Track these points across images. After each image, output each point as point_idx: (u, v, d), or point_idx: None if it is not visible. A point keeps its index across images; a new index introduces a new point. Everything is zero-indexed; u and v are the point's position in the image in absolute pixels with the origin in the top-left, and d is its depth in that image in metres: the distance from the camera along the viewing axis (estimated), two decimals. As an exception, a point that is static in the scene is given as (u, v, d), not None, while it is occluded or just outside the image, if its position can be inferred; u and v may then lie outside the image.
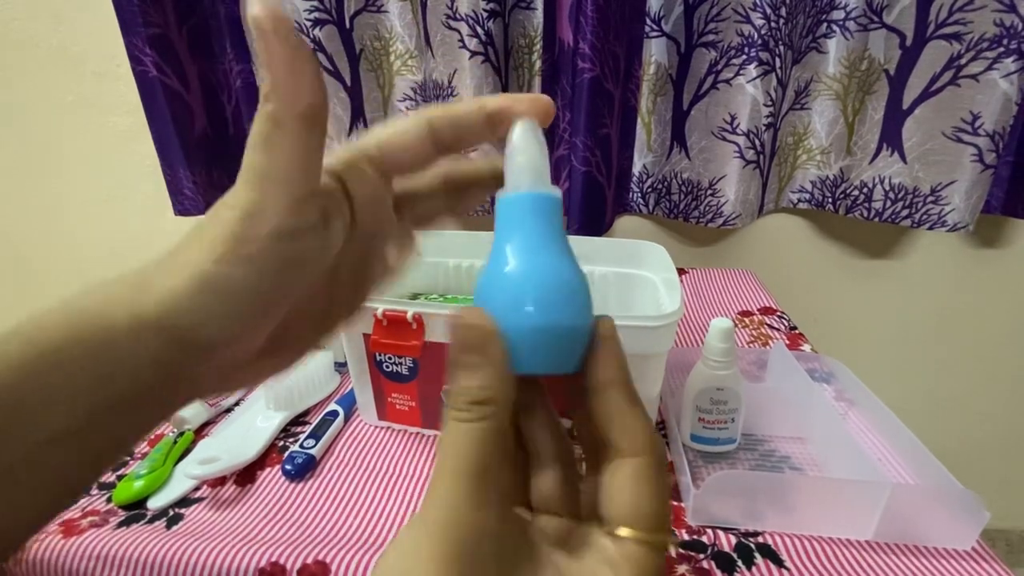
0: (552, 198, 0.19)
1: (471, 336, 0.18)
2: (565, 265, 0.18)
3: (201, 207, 0.86)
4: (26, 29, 0.88)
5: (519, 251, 0.18)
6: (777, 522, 0.42)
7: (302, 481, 0.47)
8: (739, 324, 0.72)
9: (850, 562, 0.39)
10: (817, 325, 0.94)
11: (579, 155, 0.80)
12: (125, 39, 0.75)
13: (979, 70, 0.72)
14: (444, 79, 0.79)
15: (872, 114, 0.80)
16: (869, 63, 0.77)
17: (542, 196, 0.19)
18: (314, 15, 0.76)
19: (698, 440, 0.49)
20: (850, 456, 0.43)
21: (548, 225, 0.19)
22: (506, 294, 0.18)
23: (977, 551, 0.39)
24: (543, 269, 0.18)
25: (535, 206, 0.19)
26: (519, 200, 0.19)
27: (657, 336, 0.42)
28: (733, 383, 0.47)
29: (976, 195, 0.77)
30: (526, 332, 0.18)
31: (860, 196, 0.83)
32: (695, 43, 0.78)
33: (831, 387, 0.57)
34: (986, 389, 1.01)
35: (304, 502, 0.45)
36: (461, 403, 0.17)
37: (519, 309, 0.18)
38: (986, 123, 0.73)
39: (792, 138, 0.84)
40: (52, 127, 0.95)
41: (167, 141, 0.82)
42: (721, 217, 0.84)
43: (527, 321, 0.18)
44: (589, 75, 0.75)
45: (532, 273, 0.18)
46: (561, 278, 0.18)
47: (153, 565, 0.39)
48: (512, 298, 0.18)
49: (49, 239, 1.05)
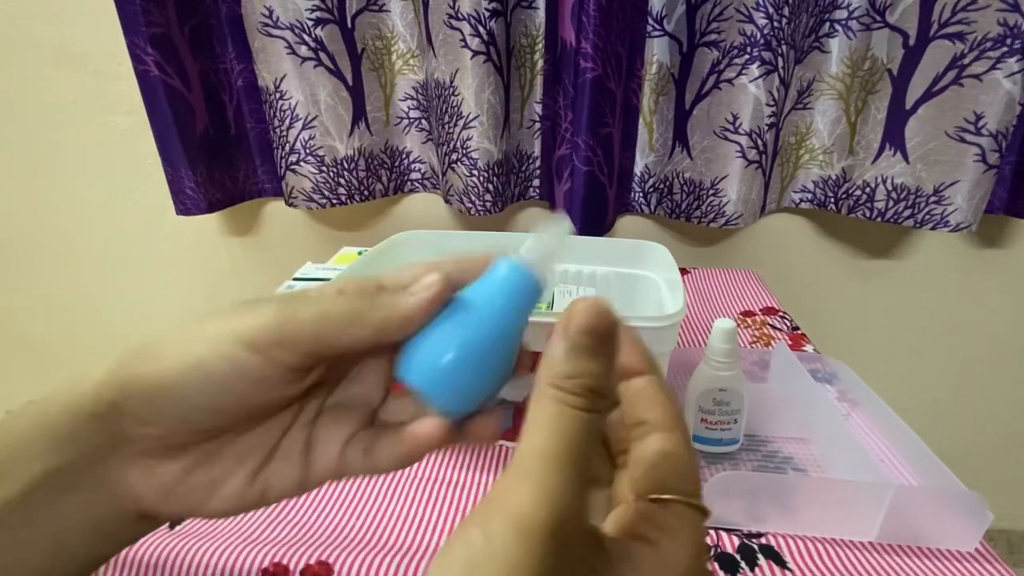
0: (536, 289, 0.21)
1: (604, 324, 0.17)
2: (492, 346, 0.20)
3: (202, 206, 0.86)
4: (27, 28, 0.88)
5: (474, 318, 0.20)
6: (780, 523, 0.42)
7: (304, 481, 0.47)
8: (741, 324, 0.72)
9: (853, 563, 0.39)
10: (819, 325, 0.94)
11: (581, 155, 0.80)
12: (127, 38, 0.75)
13: (982, 70, 0.72)
14: (446, 79, 0.79)
15: (875, 114, 0.79)
16: (872, 63, 0.77)
17: (531, 280, 0.21)
18: (316, 14, 0.76)
19: (701, 441, 0.49)
20: (853, 457, 0.43)
21: (516, 306, 0.21)
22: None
23: (981, 552, 0.39)
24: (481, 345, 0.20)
25: (520, 286, 0.21)
26: (515, 276, 0.21)
27: (660, 336, 0.42)
28: (736, 384, 0.46)
29: (979, 195, 0.77)
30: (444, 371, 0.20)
31: (862, 196, 0.83)
32: (697, 42, 0.78)
33: (834, 388, 0.57)
34: (988, 389, 1.01)
35: (307, 503, 0.45)
36: (579, 388, 0.16)
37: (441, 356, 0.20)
38: (989, 123, 0.73)
39: (794, 138, 0.84)
40: (53, 126, 0.95)
41: (168, 140, 0.82)
42: (723, 217, 0.84)
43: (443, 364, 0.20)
44: (591, 74, 0.75)
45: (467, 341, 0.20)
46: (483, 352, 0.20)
47: (157, 565, 0.39)
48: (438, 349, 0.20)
49: (50, 238, 1.05)
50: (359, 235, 0.99)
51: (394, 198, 0.96)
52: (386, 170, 0.91)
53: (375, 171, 0.89)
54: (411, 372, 0.20)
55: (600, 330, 0.17)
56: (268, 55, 0.79)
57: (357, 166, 0.86)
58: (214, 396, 0.19)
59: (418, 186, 0.94)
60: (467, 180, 0.83)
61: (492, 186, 0.83)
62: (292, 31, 0.77)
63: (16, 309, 1.14)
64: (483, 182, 0.83)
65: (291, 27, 0.76)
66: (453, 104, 0.80)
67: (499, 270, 0.21)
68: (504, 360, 0.21)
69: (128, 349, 0.20)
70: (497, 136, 0.81)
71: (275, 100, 0.82)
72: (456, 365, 0.20)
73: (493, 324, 0.20)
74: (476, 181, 0.83)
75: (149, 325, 1.12)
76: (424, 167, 0.92)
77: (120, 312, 1.11)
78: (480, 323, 0.20)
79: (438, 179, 0.91)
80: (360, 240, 0.99)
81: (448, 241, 0.62)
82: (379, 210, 0.98)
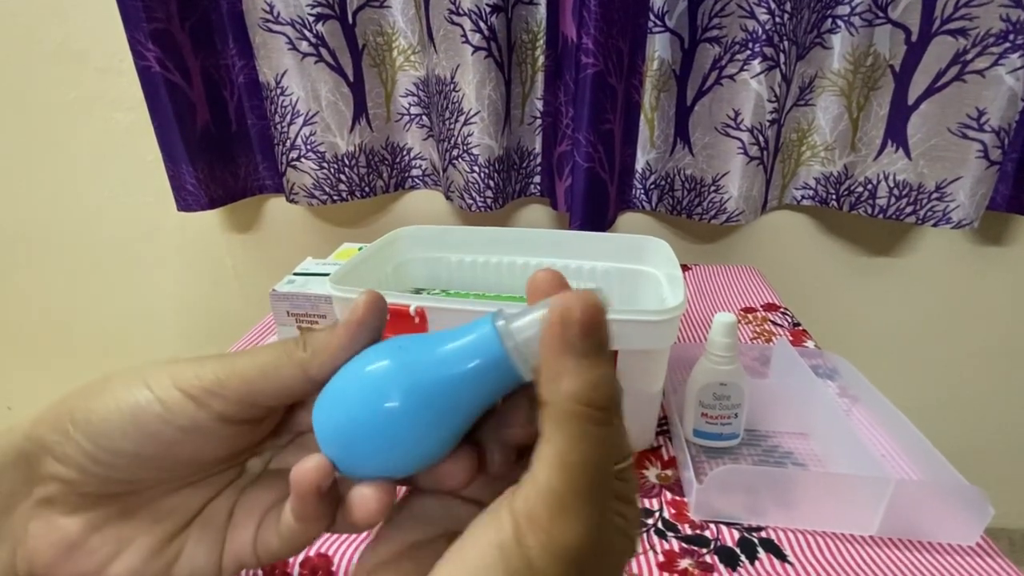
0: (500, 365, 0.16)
1: (601, 316, 0.15)
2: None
3: (203, 202, 0.86)
4: (28, 25, 0.88)
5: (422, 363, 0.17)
6: (780, 517, 0.42)
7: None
8: (742, 321, 0.72)
9: (854, 557, 0.39)
10: (821, 322, 0.94)
11: (582, 151, 0.79)
12: (128, 34, 0.75)
13: (985, 66, 0.71)
14: (447, 74, 0.79)
15: (877, 110, 0.79)
16: (874, 59, 0.77)
17: (499, 356, 0.16)
18: (317, 10, 0.76)
19: (701, 436, 0.49)
20: (853, 452, 0.43)
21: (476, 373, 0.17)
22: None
23: (981, 547, 0.39)
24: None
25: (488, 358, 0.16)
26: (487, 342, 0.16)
27: (660, 331, 0.42)
28: (736, 378, 0.46)
29: (981, 192, 0.76)
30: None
31: (864, 193, 0.83)
32: (699, 38, 0.78)
33: (835, 384, 0.57)
34: (990, 386, 1.01)
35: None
36: (604, 400, 0.15)
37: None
38: (992, 119, 0.73)
39: (796, 134, 0.84)
40: (55, 123, 0.95)
41: (170, 136, 0.82)
42: (724, 214, 0.83)
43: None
44: (592, 70, 0.74)
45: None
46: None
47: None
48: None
49: (51, 235, 1.05)
50: (360, 231, 0.99)
51: (395, 194, 0.96)
52: (387, 166, 0.91)
53: (376, 167, 0.89)
54: (314, 417, 0.18)
55: (600, 326, 0.16)
56: (269, 51, 0.79)
57: (358, 162, 0.86)
58: (141, 440, 0.18)
59: (419, 182, 0.94)
60: (468, 176, 0.83)
61: (493, 182, 0.83)
62: (293, 27, 0.77)
63: (16, 305, 1.14)
64: (484, 178, 0.83)
65: (292, 23, 0.76)
66: (454, 100, 0.80)
67: (476, 328, 0.17)
68: (431, 427, 0.17)
69: (77, 386, 0.19)
70: (498, 132, 0.81)
71: (276, 96, 0.82)
72: (351, 420, 0.17)
73: (433, 379, 0.16)
74: (477, 177, 0.83)
75: (149, 321, 1.13)
76: (425, 163, 0.92)
77: (121, 308, 1.12)
78: (417, 372, 0.17)
79: (439, 175, 0.91)
80: (361, 236, 0.99)
81: (448, 236, 0.62)
82: (380, 206, 0.98)
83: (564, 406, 0.15)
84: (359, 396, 0.17)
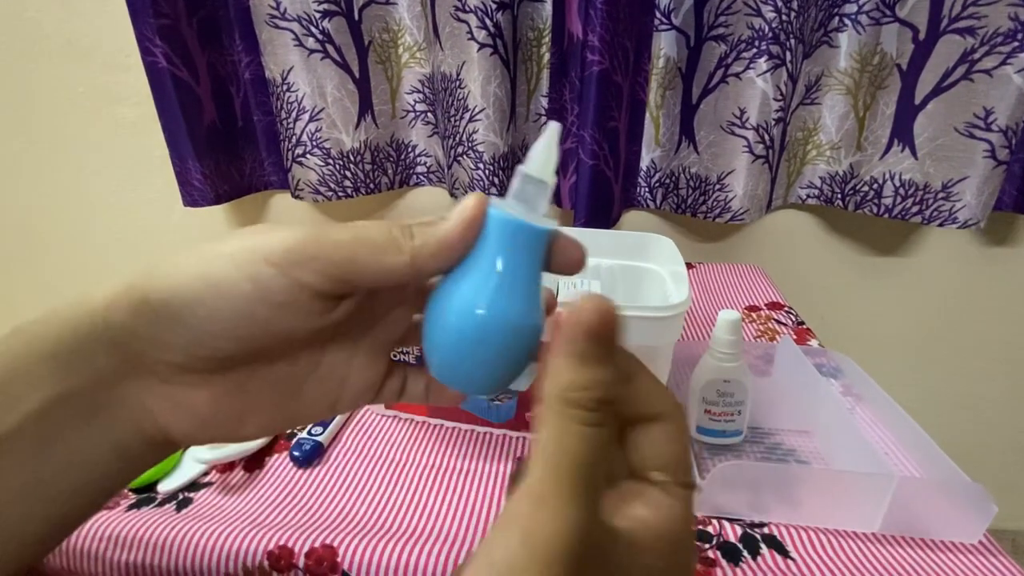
0: (542, 234, 0.19)
1: (610, 326, 0.16)
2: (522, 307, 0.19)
3: (210, 198, 0.87)
4: (36, 20, 0.89)
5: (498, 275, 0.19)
6: (783, 514, 0.42)
7: (310, 467, 0.48)
8: (746, 319, 0.72)
9: (856, 554, 0.39)
10: (825, 322, 0.94)
11: (587, 148, 0.80)
12: (135, 30, 0.76)
13: (992, 65, 0.71)
14: (452, 71, 0.79)
15: (883, 109, 0.79)
16: (881, 57, 0.76)
17: (535, 231, 0.19)
18: (323, 6, 0.76)
19: (704, 432, 0.49)
20: (856, 449, 0.43)
21: (529, 256, 0.19)
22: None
23: (984, 545, 0.39)
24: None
25: (525, 238, 0.19)
26: (520, 228, 0.19)
27: (664, 327, 0.42)
28: (740, 375, 0.46)
29: (988, 192, 0.76)
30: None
31: (870, 192, 0.83)
32: (705, 36, 0.78)
33: (838, 382, 0.57)
34: (995, 387, 1.00)
35: (312, 488, 0.46)
36: (591, 403, 0.15)
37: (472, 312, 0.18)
38: (999, 119, 0.72)
39: (802, 133, 0.83)
40: (62, 118, 0.95)
41: (176, 132, 0.82)
42: (729, 212, 0.83)
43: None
44: (598, 68, 0.74)
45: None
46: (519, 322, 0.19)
47: (163, 546, 0.39)
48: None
49: (58, 230, 1.06)
50: (365, 228, 1.00)
51: (400, 191, 0.97)
52: (392, 163, 0.91)
53: (381, 164, 0.90)
54: (426, 347, 0.20)
55: (607, 334, 0.16)
56: (275, 47, 0.79)
57: (363, 159, 0.87)
58: (234, 321, 0.17)
59: (424, 179, 0.94)
60: (473, 173, 0.84)
61: (498, 179, 0.84)
62: (299, 23, 0.77)
63: (23, 300, 1.15)
64: (489, 175, 0.83)
65: (298, 19, 0.77)
66: (459, 97, 0.80)
67: (500, 226, 0.19)
68: (524, 337, 0.19)
69: (140, 269, 0.18)
70: (503, 129, 0.81)
71: (282, 92, 0.82)
72: (470, 346, 0.18)
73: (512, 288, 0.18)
74: (482, 174, 0.83)
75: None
76: (430, 160, 0.92)
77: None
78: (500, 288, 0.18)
79: (444, 172, 0.91)
80: (366, 233, 0.99)
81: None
82: (385, 203, 0.98)
83: (548, 402, 0.16)
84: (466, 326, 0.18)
